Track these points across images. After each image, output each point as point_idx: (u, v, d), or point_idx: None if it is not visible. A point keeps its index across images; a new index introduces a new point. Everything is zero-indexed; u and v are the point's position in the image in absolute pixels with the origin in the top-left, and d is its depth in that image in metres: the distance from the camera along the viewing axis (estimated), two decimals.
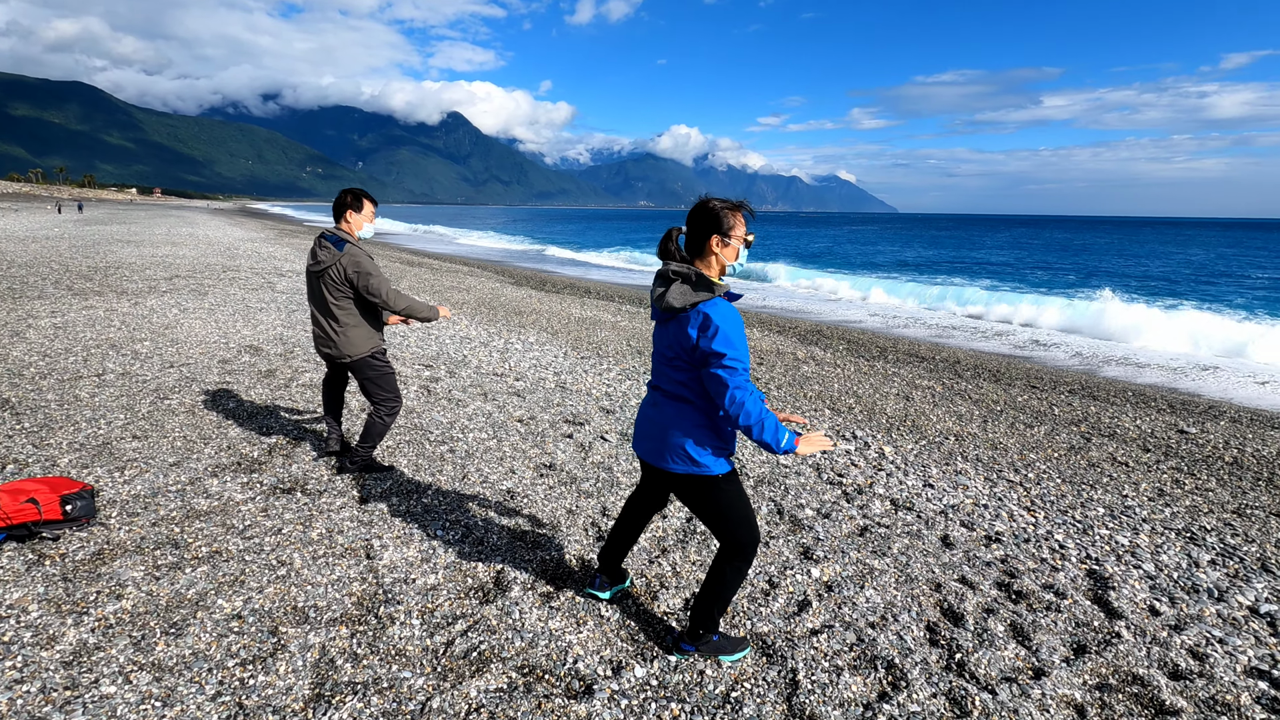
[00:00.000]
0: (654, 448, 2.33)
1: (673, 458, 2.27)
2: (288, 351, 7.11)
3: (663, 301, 2.17)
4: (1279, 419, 8.60)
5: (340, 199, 3.70)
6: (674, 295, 2.15)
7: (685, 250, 2.26)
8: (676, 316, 2.18)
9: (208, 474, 3.86)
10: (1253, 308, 21.50)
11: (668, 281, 2.20)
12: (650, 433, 2.35)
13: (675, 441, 2.25)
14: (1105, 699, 2.51)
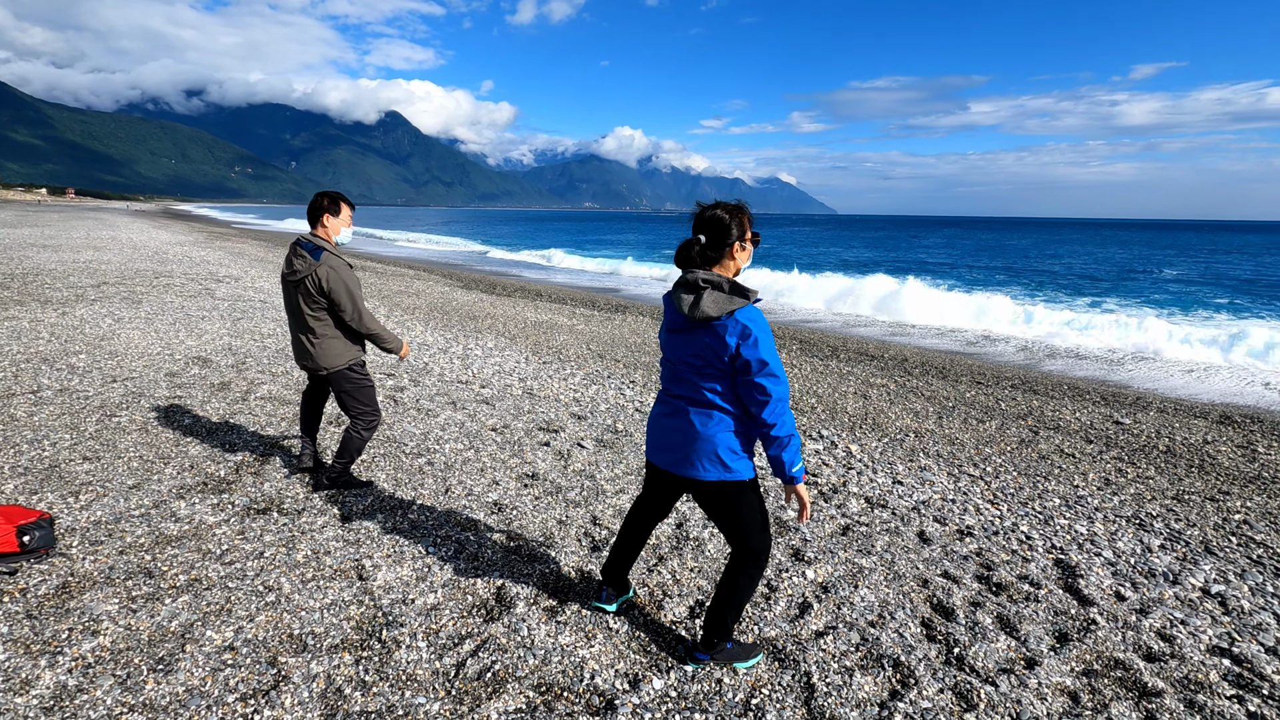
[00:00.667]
0: (679, 457, 2.32)
1: (704, 465, 2.27)
2: (239, 363, 6.79)
3: (697, 310, 2.16)
4: (1198, 408, 9.22)
5: (316, 203, 3.56)
6: (709, 304, 2.15)
7: (704, 257, 2.26)
8: (710, 325, 2.18)
9: (173, 496, 3.65)
10: (1167, 304, 22.98)
11: (697, 289, 2.20)
12: (674, 442, 2.34)
13: (708, 449, 2.26)
14: (1093, 684, 2.64)
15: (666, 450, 2.38)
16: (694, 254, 2.25)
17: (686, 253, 2.27)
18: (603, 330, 12.85)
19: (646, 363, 9.74)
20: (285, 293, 3.61)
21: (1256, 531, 4.87)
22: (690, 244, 2.26)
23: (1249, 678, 2.85)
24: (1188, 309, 21.81)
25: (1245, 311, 21.18)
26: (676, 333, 2.32)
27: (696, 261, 2.26)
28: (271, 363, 6.88)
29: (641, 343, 11.63)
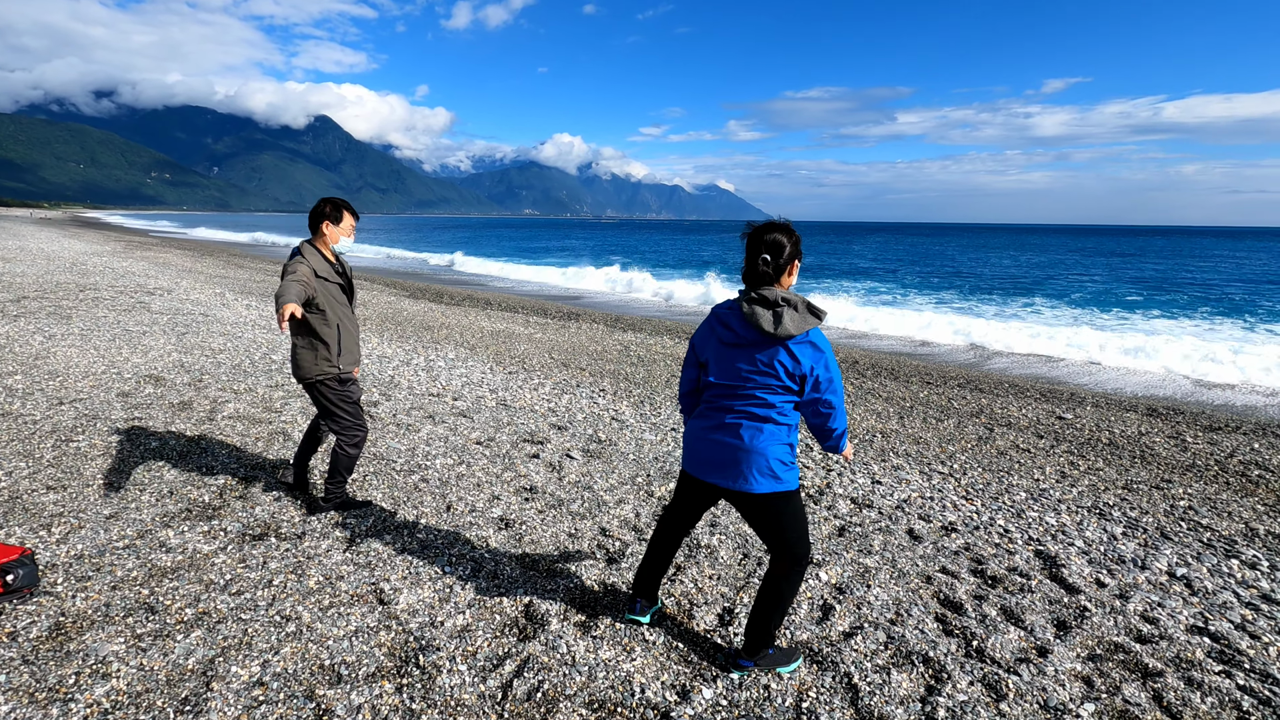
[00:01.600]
0: (731, 472, 2.36)
1: (757, 478, 2.31)
2: (196, 380, 6.45)
3: (780, 328, 2.22)
4: (1126, 402, 9.87)
5: (318, 208, 3.43)
6: (789, 322, 2.23)
7: (768, 276, 2.31)
8: (783, 342, 2.24)
9: (158, 525, 3.44)
10: (1086, 304, 24.50)
11: (776, 307, 2.26)
12: (724, 458, 2.37)
13: (761, 462, 2.30)
14: (1101, 669, 2.81)
15: (715, 466, 2.40)
16: (762, 274, 2.30)
17: (754, 272, 2.32)
18: (561, 338, 12.78)
19: (611, 370, 9.74)
20: None
21: (1201, 516, 5.25)
22: (756, 264, 2.31)
23: (1230, 653, 3.08)
24: (1105, 308, 23.31)
25: (1155, 308, 22.80)
26: (735, 347, 2.35)
27: (764, 280, 2.31)
28: (231, 379, 6.56)
29: (601, 350, 11.63)
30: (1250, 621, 3.49)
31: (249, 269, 25.33)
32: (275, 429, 5.13)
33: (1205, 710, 2.56)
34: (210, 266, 23.59)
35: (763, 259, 2.31)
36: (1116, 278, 37.19)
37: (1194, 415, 9.21)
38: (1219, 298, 26.93)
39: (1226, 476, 6.36)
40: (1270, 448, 7.50)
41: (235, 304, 13.34)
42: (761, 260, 2.32)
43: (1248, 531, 4.99)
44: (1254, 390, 11.23)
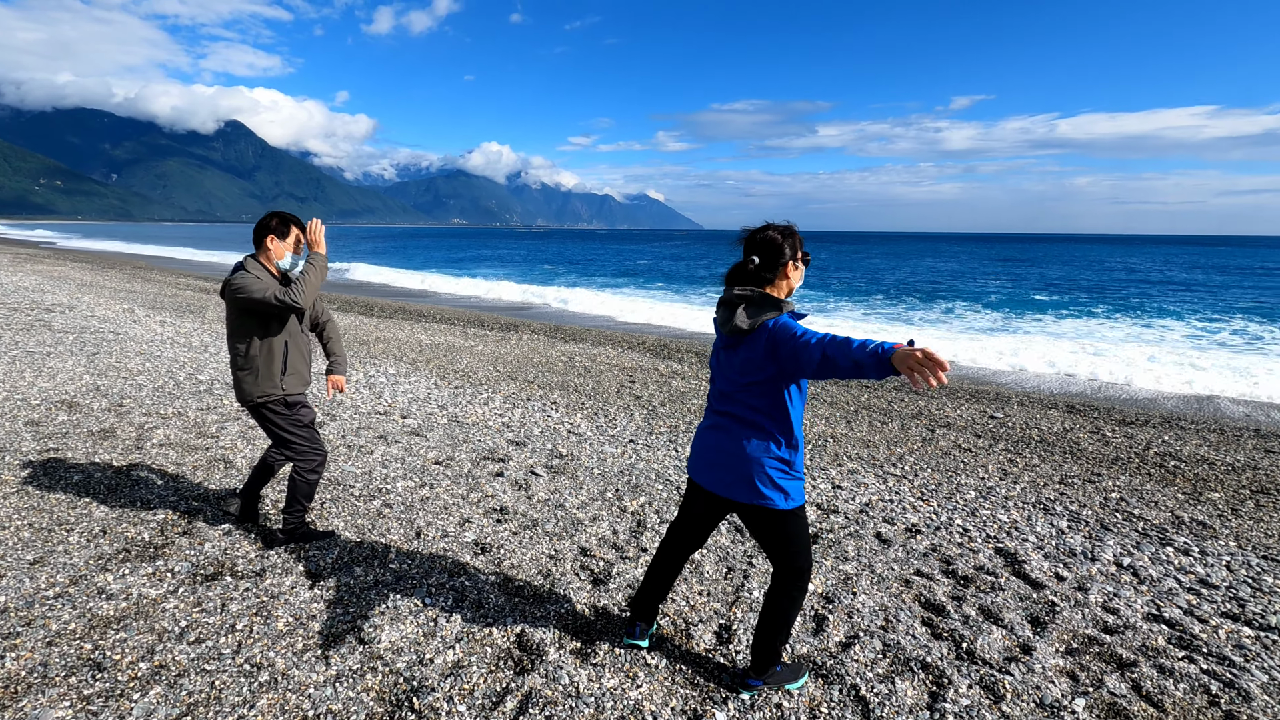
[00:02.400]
0: (729, 479, 2.30)
1: (754, 487, 2.26)
2: (115, 405, 5.93)
3: (730, 324, 2.19)
4: (1047, 399, 10.49)
5: (263, 222, 3.20)
6: (740, 317, 2.20)
7: (757, 276, 2.27)
8: (746, 339, 2.20)
9: (93, 568, 3.11)
10: (1000, 306, 25.97)
11: (732, 306, 2.23)
12: (721, 462, 2.31)
13: (758, 470, 2.25)
14: (1081, 663, 2.92)
15: (713, 470, 2.35)
16: (747, 275, 2.27)
17: (738, 273, 2.29)
18: (503, 350, 12.53)
19: (559, 382, 9.60)
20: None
21: (1133, 507, 5.59)
22: (744, 265, 2.28)
23: (1187, 638, 3.26)
24: (1019, 311, 24.77)
25: (1062, 310, 24.39)
26: (725, 351, 2.32)
27: (746, 281, 2.27)
28: (156, 404, 6.07)
29: (546, 362, 11.46)
30: (1196, 606, 3.71)
31: (157, 283, 23.77)
32: (214, 456, 4.76)
33: (1180, 697, 2.69)
34: (113, 280, 21.96)
35: (751, 259, 2.28)
36: (1024, 282, 39.61)
37: (1107, 411, 9.86)
38: (1117, 298, 29.09)
39: (1147, 468, 6.82)
40: (1178, 439, 8.10)
41: (148, 320, 12.45)
42: (750, 260, 2.29)
43: (1174, 520, 5.34)
44: (1155, 384, 12.14)
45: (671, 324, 20.59)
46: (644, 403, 8.64)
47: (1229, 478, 6.51)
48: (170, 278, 27.11)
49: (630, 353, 13.53)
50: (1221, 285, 37.70)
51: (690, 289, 32.56)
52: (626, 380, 10.21)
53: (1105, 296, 30.45)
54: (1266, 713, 2.63)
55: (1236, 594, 3.93)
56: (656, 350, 14.14)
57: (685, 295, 29.45)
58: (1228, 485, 6.29)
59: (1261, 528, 5.22)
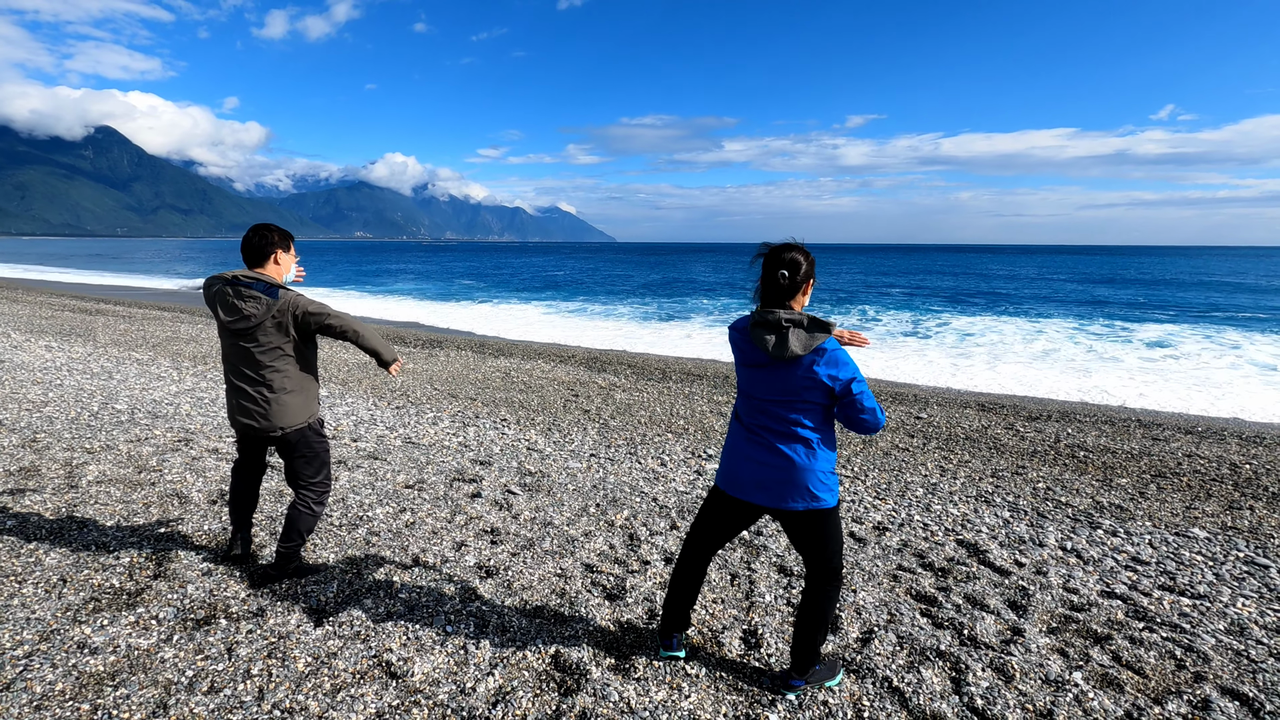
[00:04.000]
0: (778, 493, 2.38)
1: (804, 496, 2.36)
2: (29, 441, 5.34)
3: (785, 350, 2.26)
4: (960, 399, 11.30)
5: (264, 237, 3.02)
6: (794, 342, 2.27)
7: (790, 293, 2.36)
8: (799, 361, 2.29)
9: (64, 621, 2.81)
10: (899, 309, 27.64)
11: (779, 329, 2.30)
12: (770, 478, 2.39)
13: (807, 480, 2.35)
14: (1065, 640, 3.20)
15: (763, 487, 2.41)
16: (782, 293, 2.35)
17: (768, 292, 2.37)
18: (434, 368, 12.20)
19: (503, 398, 9.46)
20: (228, 343, 3.02)
21: (1059, 495, 6.12)
22: (776, 283, 2.35)
23: (1141, 610, 3.63)
24: (921, 311, 26.46)
25: (958, 313, 26.25)
26: (760, 369, 2.39)
27: (781, 299, 2.36)
28: (76, 438, 5.52)
29: (482, 378, 11.25)
30: (1137, 582, 4.13)
31: (26, 303, 21.56)
32: (164, 492, 4.39)
33: (1154, 663, 3.01)
34: None
35: (781, 275, 2.35)
36: (920, 289, 42.31)
37: (1014, 407, 10.72)
38: (1003, 301, 31.61)
39: (1062, 459, 7.48)
40: (1080, 431, 8.93)
41: (31, 345, 11.27)
42: (780, 276, 2.35)
43: (1096, 505, 5.90)
44: (1040, 379, 13.31)
45: (598, 336, 20.64)
46: (593, 416, 8.64)
47: (1130, 464, 7.24)
48: (39, 298, 24.61)
49: (564, 366, 13.47)
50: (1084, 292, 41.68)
51: (616, 301, 32.75)
52: (569, 394, 10.18)
53: (995, 301, 32.98)
54: (1225, 670, 2.98)
55: (1165, 568, 4.40)
56: (589, 363, 14.15)
57: (611, 307, 29.58)
58: (1131, 471, 6.99)
59: (1167, 508, 5.85)
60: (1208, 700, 2.70)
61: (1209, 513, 5.77)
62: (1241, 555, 4.74)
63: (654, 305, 31.16)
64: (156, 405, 7.13)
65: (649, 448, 7.06)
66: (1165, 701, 2.68)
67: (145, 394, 7.72)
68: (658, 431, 7.96)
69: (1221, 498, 6.21)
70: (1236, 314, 27.14)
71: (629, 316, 26.01)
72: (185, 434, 5.94)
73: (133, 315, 19.35)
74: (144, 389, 8.05)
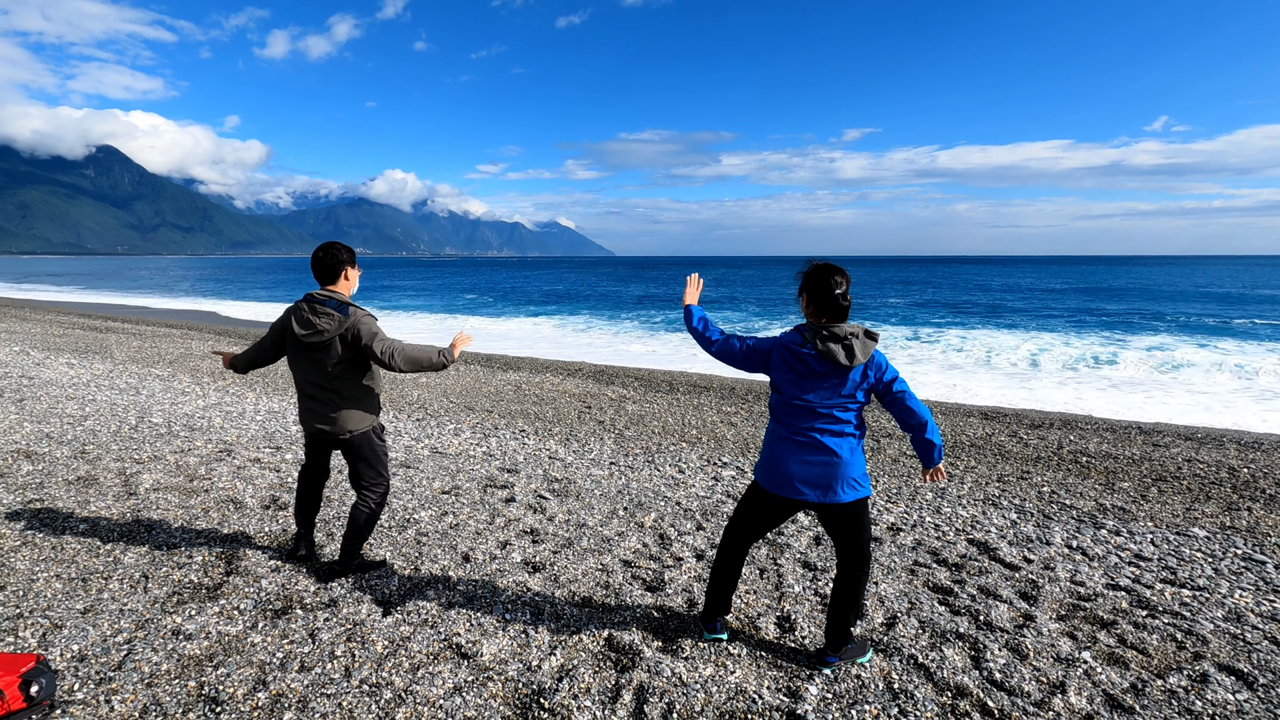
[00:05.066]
0: (826, 488, 2.66)
1: (847, 489, 2.64)
2: (80, 453, 5.60)
3: (854, 357, 2.56)
4: (964, 409, 11.56)
5: (334, 256, 3.29)
6: (860, 351, 2.59)
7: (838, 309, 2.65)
8: (855, 365, 2.58)
9: (156, 612, 3.06)
10: (897, 322, 27.98)
11: (843, 340, 2.60)
12: (819, 475, 2.66)
13: (850, 474, 2.63)
14: (1074, 625, 3.44)
15: (813, 485, 2.68)
16: (841, 307, 2.64)
17: (835, 307, 2.64)
18: (446, 381, 12.47)
19: (519, 410, 9.72)
20: (302, 356, 3.29)
21: (1064, 498, 6.37)
22: (834, 301, 2.64)
23: (1144, 600, 3.88)
24: (915, 324, 26.78)
25: (962, 326, 26.59)
26: (813, 377, 2.66)
27: (840, 315, 2.65)
28: (125, 449, 5.78)
29: (495, 391, 11.52)
30: (1140, 576, 4.38)
31: (36, 321, 21.85)
32: (219, 498, 4.65)
33: (1157, 644, 3.26)
34: None
35: (837, 293, 2.64)
36: (919, 302, 42.68)
37: (1017, 416, 10.99)
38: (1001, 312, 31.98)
39: (1066, 464, 7.73)
40: (1082, 437, 9.19)
41: (53, 363, 11.55)
42: (838, 296, 2.65)
43: (1099, 507, 6.15)
44: (1039, 389, 13.59)
45: (603, 349, 20.91)
46: (608, 427, 8.90)
47: (1132, 469, 7.50)
48: (49, 316, 24.90)
49: (573, 379, 13.74)
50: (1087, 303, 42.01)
51: (619, 315, 33.05)
52: (582, 406, 10.44)
53: (994, 314, 33.33)
54: (1222, 650, 3.23)
55: (1166, 564, 4.65)
56: (597, 376, 14.42)
57: (614, 321, 29.89)
58: (1133, 475, 7.25)
59: (1168, 509, 6.10)
60: (1206, 674, 2.95)
61: (1208, 513, 6.02)
62: (1240, 552, 4.99)
63: (659, 318, 31.51)
64: (190, 419, 7.39)
65: (665, 456, 7.31)
66: (1167, 676, 2.93)
67: (176, 408, 7.97)
68: (672, 440, 8.22)
69: (1220, 500, 6.46)
70: (1230, 320, 27.48)
71: (632, 330, 26.30)
72: (225, 445, 6.19)
73: (143, 333, 19.64)
74: (173, 404, 8.31)
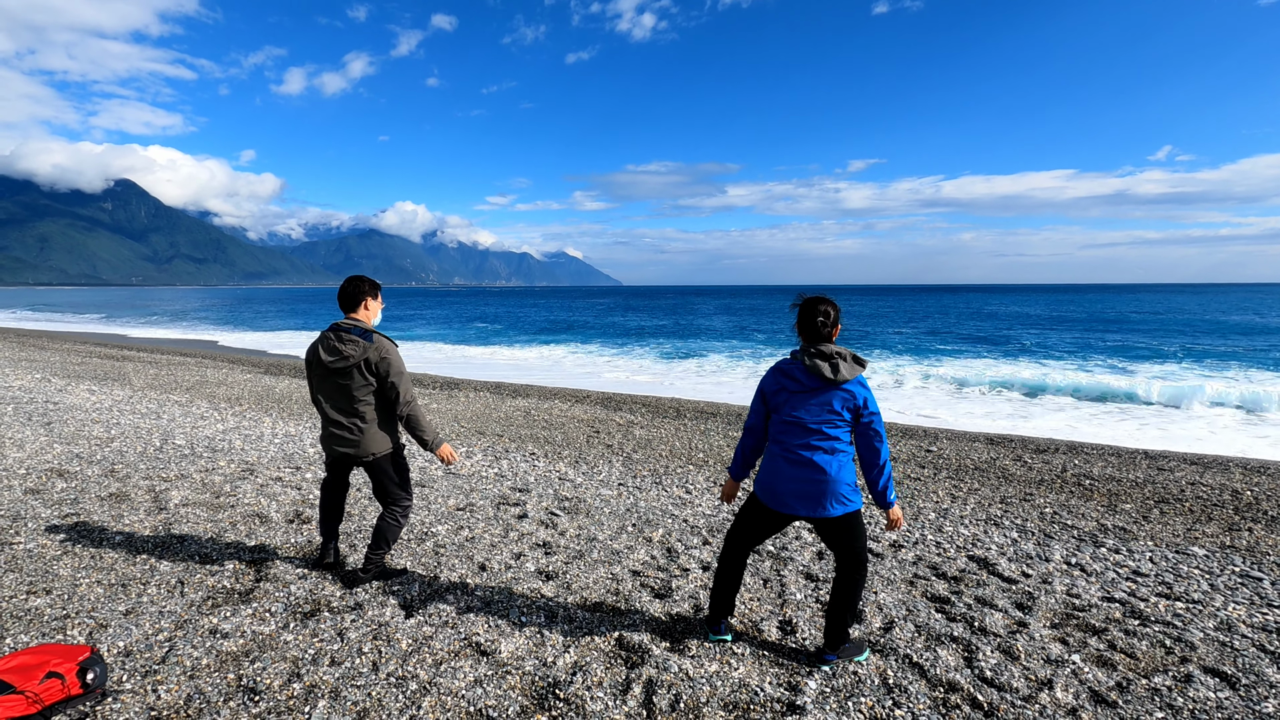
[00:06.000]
0: (817, 502, 2.85)
1: (838, 503, 2.83)
2: (109, 471, 5.84)
3: (839, 375, 2.77)
4: (968, 435, 11.66)
5: (356, 287, 3.55)
6: (845, 371, 2.79)
7: (826, 333, 2.88)
8: (840, 385, 2.79)
9: (193, 613, 3.25)
10: (905, 351, 28.10)
11: (833, 360, 2.81)
12: (810, 490, 2.86)
13: (840, 488, 2.82)
14: (1066, 632, 3.58)
15: (806, 499, 2.88)
16: (823, 333, 2.87)
17: (815, 331, 2.88)
18: (457, 407, 12.70)
19: (528, 435, 9.91)
20: (326, 381, 3.51)
21: (1066, 519, 6.49)
22: (816, 325, 2.87)
23: (1138, 611, 4.01)
24: (922, 356, 26.89)
25: (970, 356, 26.69)
26: (803, 393, 2.88)
27: (819, 338, 2.88)
28: (153, 469, 6.01)
29: (506, 417, 11.72)
30: (1136, 590, 4.50)
31: (54, 350, 22.31)
32: (245, 513, 4.86)
33: (1145, 649, 3.39)
34: (2, 349, 20.46)
35: (818, 320, 2.89)
36: (926, 330, 42.81)
37: (1022, 441, 11.09)
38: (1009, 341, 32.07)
39: (1069, 487, 7.84)
40: (1087, 462, 9.28)
41: (74, 390, 11.86)
42: (820, 323, 2.90)
43: (1101, 527, 6.26)
44: (1050, 413, 13.68)
45: (611, 377, 21.12)
46: (616, 450, 9.07)
47: (1135, 491, 7.60)
48: (65, 345, 25.39)
49: (581, 405, 13.93)
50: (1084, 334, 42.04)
51: (628, 344, 33.34)
52: (590, 431, 10.62)
53: (1001, 343, 33.43)
54: (1208, 656, 3.36)
55: (1163, 579, 4.76)
56: (605, 403, 14.61)
57: (622, 350, 30.15)
58: (1135, 498, 7.35)
59: (1169, 530, 6.21)
60: (1190, 675, 3.08)
61: (1209, 534, 6.13)
62: (1237, 570, 5.10)
63: (668, 346, 31.80)
64: (211, 441, 7.63)
65: (673, 478, 7.48)
66: (1152, 676, 3.06)
67: (197, 431, 8.22)
68: (679, 464, 8.38)
69: (1222, 520, 6.57)
70: (1237, 348, 27.46)
71: (639, 359, 26.56)
72: (247, 465, 6.42)
73: (158, 361, 20.02)
74: (194, 427, 8.56)
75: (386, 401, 3.59)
